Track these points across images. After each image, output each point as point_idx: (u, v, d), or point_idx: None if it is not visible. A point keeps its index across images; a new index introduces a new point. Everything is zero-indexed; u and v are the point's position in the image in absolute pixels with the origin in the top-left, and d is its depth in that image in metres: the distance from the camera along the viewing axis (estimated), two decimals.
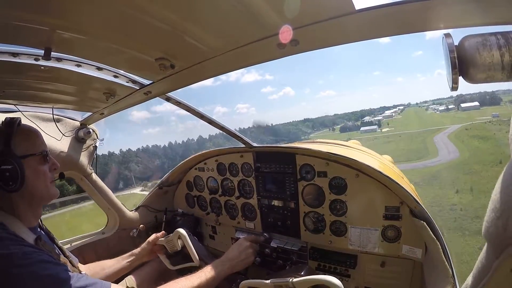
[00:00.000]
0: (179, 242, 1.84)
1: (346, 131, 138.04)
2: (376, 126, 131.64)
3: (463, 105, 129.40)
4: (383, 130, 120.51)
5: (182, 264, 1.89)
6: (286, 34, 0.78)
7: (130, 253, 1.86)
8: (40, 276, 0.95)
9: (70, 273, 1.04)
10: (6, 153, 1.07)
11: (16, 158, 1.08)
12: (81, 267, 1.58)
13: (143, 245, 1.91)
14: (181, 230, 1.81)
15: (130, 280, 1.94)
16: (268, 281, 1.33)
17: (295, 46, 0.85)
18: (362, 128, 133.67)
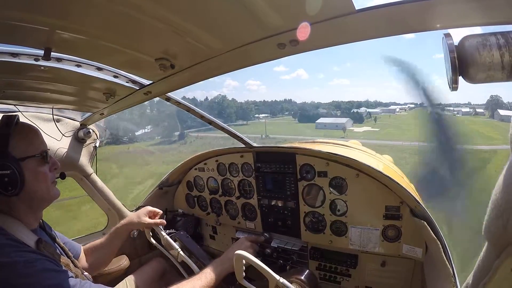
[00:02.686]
0: (180, 256, 1.80)
1: (305, 122, 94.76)
2: (346, 120, 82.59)
3: (502, 112, 76.02)
4: (355, 130, 73.34)
5: (168, 252, 1.89)
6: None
7: (115, 228, 1.74)
8: (43, 286, 0.94)
9: (73, 280, 1.02)
10: (4, 156, 1.03)
11: (14, 161, 1.04)
12: (81, 257, 1.58)
13: (133, 218, 1.76)
14: (193, 266, 1.73)
15: (130, 280, 1.94)
16: (277, 276, 1.25)
17: (295, 46, 0.85)
18: (319, 121, 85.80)
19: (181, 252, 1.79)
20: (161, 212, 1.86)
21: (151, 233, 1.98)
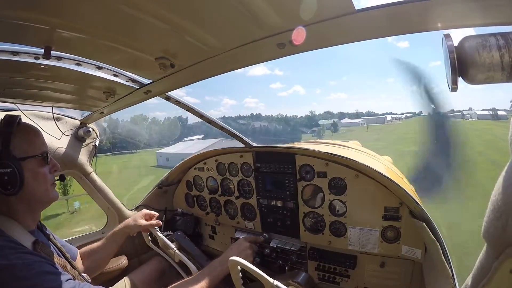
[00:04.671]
0: (177, 256, 1.80)
1: None
2: (217, 140, 35.20)
3: None
4: None
5: (166, 255, 1.90)
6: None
7: (112, 232, 1.74)
8: None
9: (72, 283, 1.02)
10: (4, 155, 1.03)
11: (15, 160, 1.04)
12: (77, 260, 1.57)
13: (130, 222, 1.77)
14: (191, 266, 1.73)
15: (129, 279, 1.94)
16: (271, 280, 1.24)
17: (295, 46, 0.85)
18: (185, 140, 62.58)
19: (178, 252, 1.79)
20: (157, 214, 1.86)
21: (149, 237, 1.99)
